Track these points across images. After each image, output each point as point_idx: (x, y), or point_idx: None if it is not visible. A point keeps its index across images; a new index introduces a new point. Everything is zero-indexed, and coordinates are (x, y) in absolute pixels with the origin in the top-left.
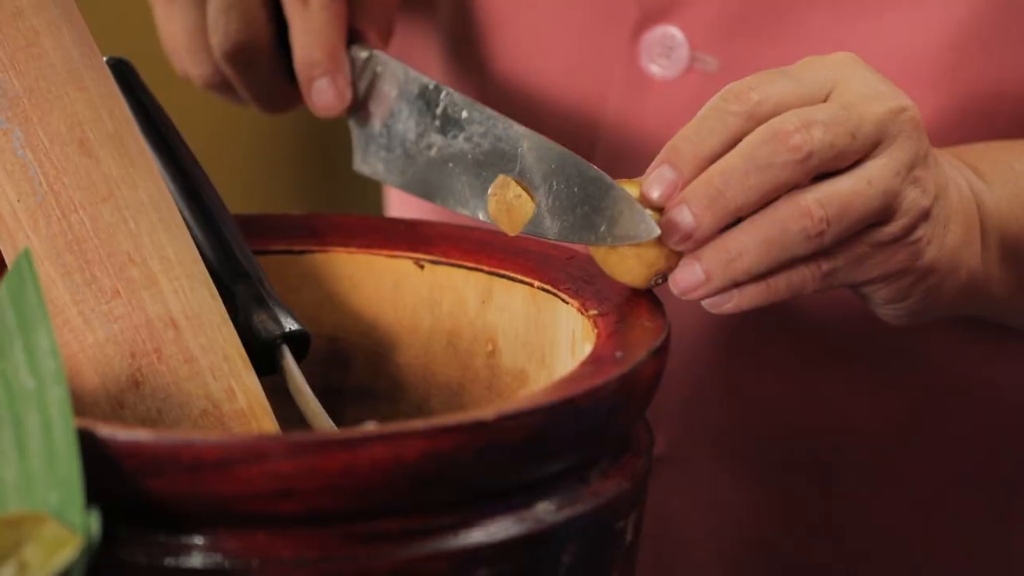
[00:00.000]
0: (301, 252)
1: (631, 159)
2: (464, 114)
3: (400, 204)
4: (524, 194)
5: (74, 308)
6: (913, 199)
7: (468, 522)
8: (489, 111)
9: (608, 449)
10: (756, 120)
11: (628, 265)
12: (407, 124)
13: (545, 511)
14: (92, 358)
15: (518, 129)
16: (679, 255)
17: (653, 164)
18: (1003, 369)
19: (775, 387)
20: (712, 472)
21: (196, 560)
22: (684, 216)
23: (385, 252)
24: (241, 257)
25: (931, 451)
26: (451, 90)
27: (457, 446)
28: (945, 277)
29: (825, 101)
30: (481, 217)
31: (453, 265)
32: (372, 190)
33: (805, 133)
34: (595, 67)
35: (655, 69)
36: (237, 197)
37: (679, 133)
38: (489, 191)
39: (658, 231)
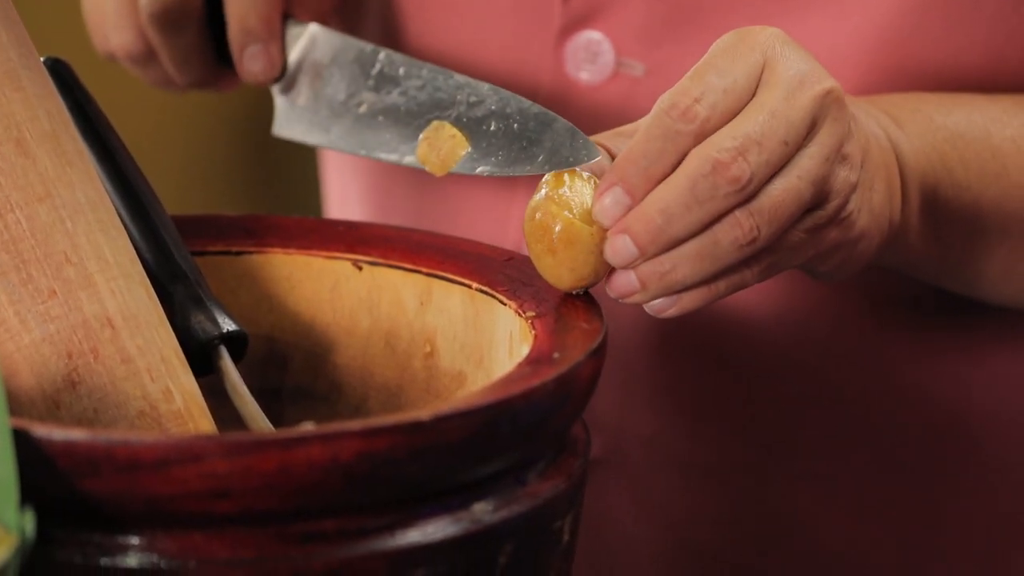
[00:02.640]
0: (239, 253)
1: None
2: (401, 71)
3: (340, 206)
4: (459, 135)
5: (10, 308)
6: (843, 178)
7: (405, 522)
8: (432, 67)
9: (545, 450)
10: (704, 137)
11: (559, 272)
12: (337, 87)
13: (482, 511)
14: (28, 358)
15: (459, 79)
16: (609, 272)
17: (604, 183)
18: (938, 373)
19: (707, 389)
20: (646, 474)
21: (132, 560)
22: (628, 246)
23: (323, 253)
24: (179, 258)
25: (866, 454)
26: (391, 51)
27: (393, 446)
28: (874, 237)
29: (756, 89)
30: (407, 161)
31: (391, 266)
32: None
33: (742, 162)
34: (522, 73)
35: (581, 75)
36: (175, 198)
37: (627, 153)
38: (421, 136)
39: (599, 155)
